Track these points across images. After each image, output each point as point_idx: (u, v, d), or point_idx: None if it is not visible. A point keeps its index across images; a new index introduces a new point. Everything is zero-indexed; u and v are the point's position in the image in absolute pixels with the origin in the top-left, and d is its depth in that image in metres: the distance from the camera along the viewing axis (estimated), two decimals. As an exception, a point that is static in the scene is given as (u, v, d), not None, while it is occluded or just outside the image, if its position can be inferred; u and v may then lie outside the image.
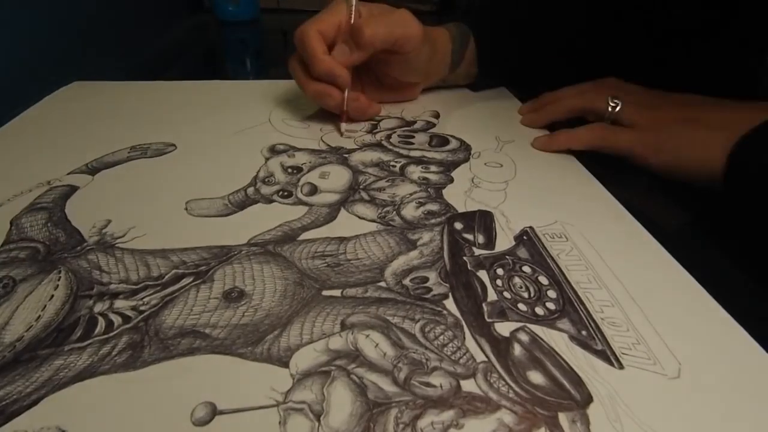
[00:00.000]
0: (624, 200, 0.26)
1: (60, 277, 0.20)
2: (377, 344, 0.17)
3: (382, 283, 0.20)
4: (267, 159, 0.29)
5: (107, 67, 0.44)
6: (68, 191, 0.26)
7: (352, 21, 0.31)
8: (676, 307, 0.19)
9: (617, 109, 0.30)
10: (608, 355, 0.17)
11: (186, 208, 0.24)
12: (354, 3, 0.31)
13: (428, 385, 0.16)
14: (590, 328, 0.18)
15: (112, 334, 0.17)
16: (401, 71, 0.35)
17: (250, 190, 0.26)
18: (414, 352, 0.17)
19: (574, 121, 0.33)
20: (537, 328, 0.18)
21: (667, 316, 0.18)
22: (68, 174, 0.27)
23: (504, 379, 0.16)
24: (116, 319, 0.18)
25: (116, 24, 0.52)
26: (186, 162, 0.29)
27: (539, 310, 0.19)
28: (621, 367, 0.16)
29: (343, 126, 0.33)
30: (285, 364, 0.16)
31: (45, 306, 0.18)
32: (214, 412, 0.15)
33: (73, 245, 0.22)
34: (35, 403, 0.15)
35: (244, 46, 0.63)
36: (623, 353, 0.17)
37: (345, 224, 0.24)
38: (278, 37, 0.68)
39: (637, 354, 0.17)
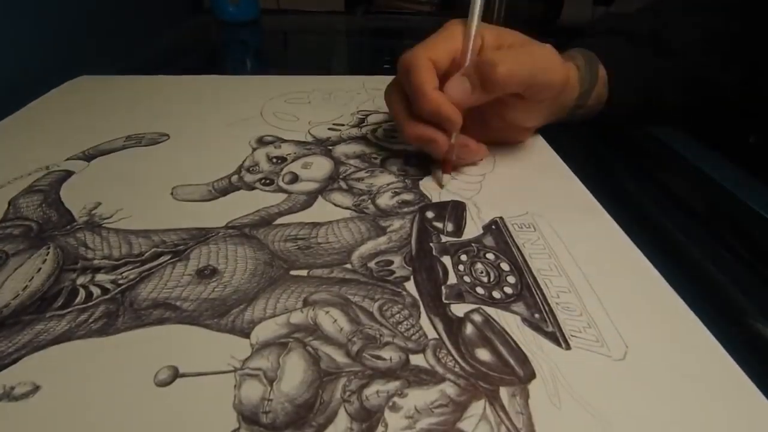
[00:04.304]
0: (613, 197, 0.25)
1: (48, 252, 0.21)
2: (335, 320, 0.18)
3: (348, 265, 0.21)
4: (254, 149, 0.31)
5: (106, 67, 0.45)
6: (64, 175, 0.27)
7: (470, 47, 0.25)
8: (633, 295, 0.20)
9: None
10: (557, 337, 0.17)
11: (172, 193, 0.26)
12: (474, 28, 0.25)
13: (378, 358, 0.16)
14: (544, 312, 0.18)
15: (90, 303, 0.18)
16: (522, 116, 0.27)
17: (234, 177, 0.27)
18: (369, 328, 0.17)
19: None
20: (491, 310, 0.18)
21: (622, 303, 0.19)
22: (66, 160, 0.29)
23: (452, 355, 0.16)
24: (96, 291, 0.19)
25: (116, 24, 0.52)
26: (177, 151, 0.30)
27: (496, 294, 0.19)
28: (568, 347, 0.17)
29: (446, 178, 0.27)
30: (247, 336, 0.17)
31: (32, 277, 0.20)
32: (176, 374, 0.16)
33: (64, 224, 0.23)
34: (15, 362, 0.16)
35: (245, 47, 0.64)
36: (572, 335, 0.18)
37: (320, 211, 0.25)
38: (279, 38, 0.68)
39: (586, 336, 0.18)
